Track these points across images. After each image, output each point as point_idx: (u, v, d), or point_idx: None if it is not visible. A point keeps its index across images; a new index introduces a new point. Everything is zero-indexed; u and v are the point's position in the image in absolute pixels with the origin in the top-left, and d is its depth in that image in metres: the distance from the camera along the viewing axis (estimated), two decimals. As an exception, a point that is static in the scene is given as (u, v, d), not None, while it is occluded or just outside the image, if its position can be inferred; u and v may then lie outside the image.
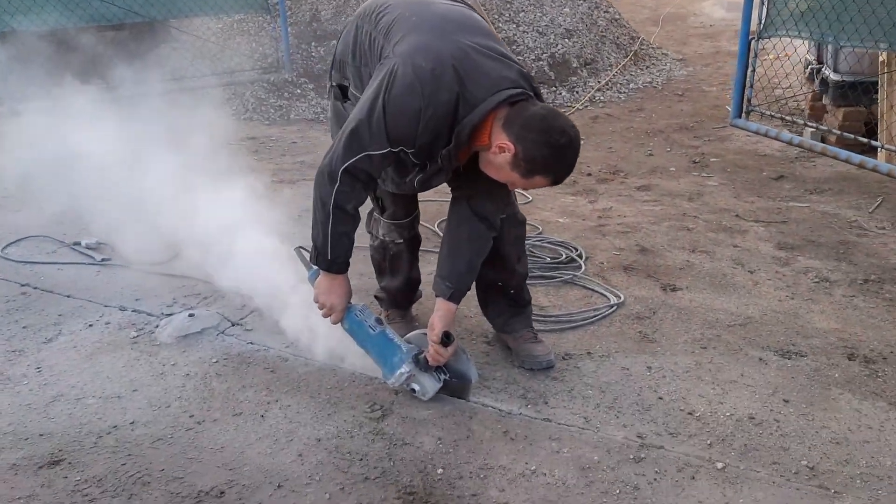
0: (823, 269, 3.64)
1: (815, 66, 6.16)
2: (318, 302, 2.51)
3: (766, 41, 5.17)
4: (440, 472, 2.25)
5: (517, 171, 2.17)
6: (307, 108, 7.26)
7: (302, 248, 2.70)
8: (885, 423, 2.45)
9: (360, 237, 2.51)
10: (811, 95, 6.25)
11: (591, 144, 6.04)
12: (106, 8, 6.66)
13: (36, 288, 3.38)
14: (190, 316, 3.03)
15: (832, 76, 5.64)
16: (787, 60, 5.84)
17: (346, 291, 2.49)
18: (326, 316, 2.52)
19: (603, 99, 7.54)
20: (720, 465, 2.24)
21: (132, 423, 2.48)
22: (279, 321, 2.97)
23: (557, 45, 8.04)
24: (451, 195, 2.55)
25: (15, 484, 2.20)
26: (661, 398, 2.57)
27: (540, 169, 2.15)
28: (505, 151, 2.15)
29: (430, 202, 4.12)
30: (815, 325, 3.09)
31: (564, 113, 2.21)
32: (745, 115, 5.12)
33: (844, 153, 4.69)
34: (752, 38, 5.22)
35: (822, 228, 4.19)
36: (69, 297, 3.30)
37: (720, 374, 2.72)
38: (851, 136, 5.06)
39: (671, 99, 7.56)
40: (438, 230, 3.99)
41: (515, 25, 8.14)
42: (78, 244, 3.78)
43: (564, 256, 3.71)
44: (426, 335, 2.51)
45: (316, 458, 2.31)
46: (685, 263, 3.70)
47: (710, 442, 2.35)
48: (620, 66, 8.25)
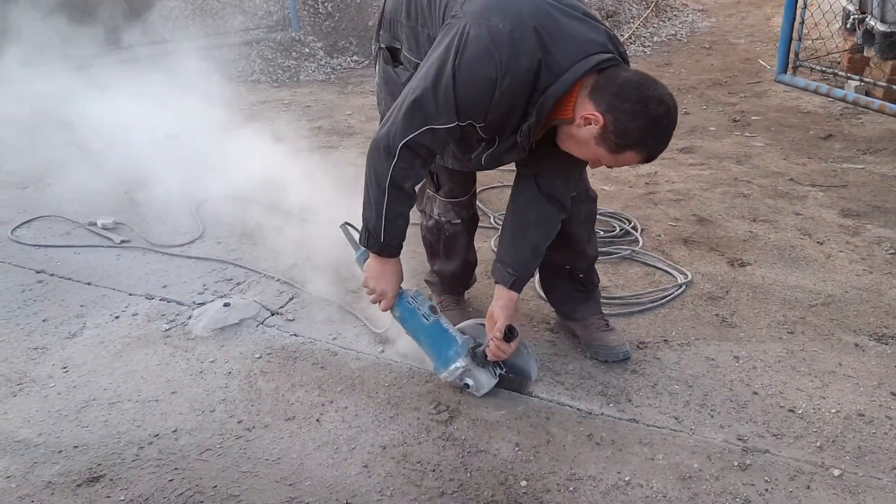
0: (897, 238, 3.39)
1: (857, 15, 5.83)
2: (367, 287, 2.26)
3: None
4: (524, 484, 2.02)
5: (605, 145, 1.89)
6: (317, 68, 6.92)
7: (349, 224, 2.43)
8: None
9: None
10: (851, 47, 5.94)
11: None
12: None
13: (53, 275, 3.11)
14: (225, 305, 2.78)
15: (879, 27, 5.32)
16: (828, 10, 5.53)
17: (398, 276, 2.24)
18: (376, 302, 2.27)
19: (628, 53, 7.19)
20: (836, 471, 2.02)
21: (175, 430, 2.24)
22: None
23: (577, -3, 7.68)
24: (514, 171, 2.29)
25: (52, 506, 1.97)
26: (756, 393, 2.34)
27: (633, 143, 1.87)
28: (591, 124, 1.87)
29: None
30: (902, 303, 2.85)
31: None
32: (791, 70, 4.80)
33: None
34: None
35: (885, 193, 3.93)
36: (90, 284, 3.04)
37: (815, 363, 2.48)
38: (903, 90, 4.79)
39: (699, 52, 7.22)
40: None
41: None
42: (94, 224, 3.50)
43: (618, 229, 3.45)
44: (482, 325, 2.28)
45: (384, 468, 2.08)
46: (748, 234, 3.45)
47: (819, 444, 2.12)
48: (643, 18, 7.89)
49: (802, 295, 2.92)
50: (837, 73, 5.24)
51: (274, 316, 2.80)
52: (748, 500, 1.94)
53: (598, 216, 2.64)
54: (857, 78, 5.18)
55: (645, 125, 1.85)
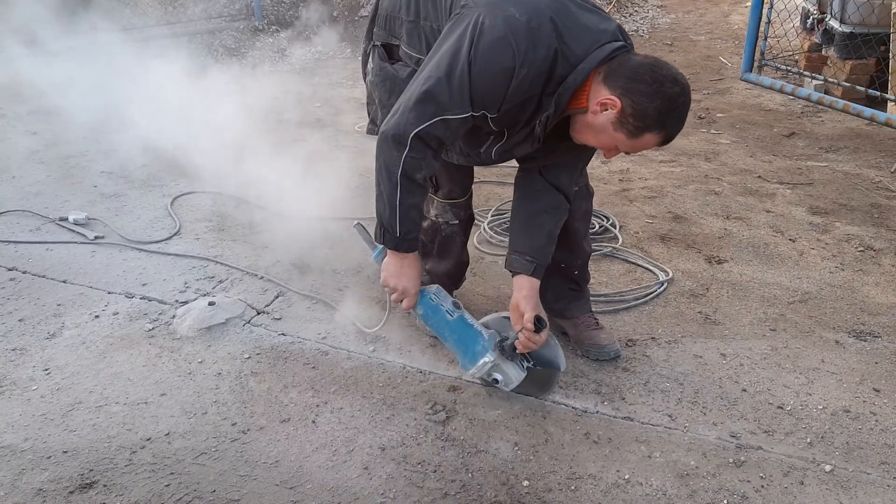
0: (864, 236, 3.49)
1: (816, 15, 5.99)
2: (387, 286, 2.21)
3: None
4: (525, 484, 2.04)
5: (623, 130, 1.90)
6: (281, 58, 6.81)
7: (361, 224, 2.40)
8: (978, 411, 2.33)
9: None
10: (808, 46, 6.10)
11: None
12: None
13: (25, 272, 3.01)
14: (210, 304, 2.73)
15: (839, 27, 5.47)
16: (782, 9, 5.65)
17: (418, 272, 2.20)
18: (398, 301, 2.22)
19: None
20: (828, 467, 2.08)
21: (167, 434, 2.19)
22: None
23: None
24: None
25: (46, 515, 1.92)
26: (744, 390, 2.40)
27: (652, 124, 1.87)
28: (608, 109, 1.88)
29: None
30: (875, 299, 2.94)
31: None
32: (757, 69, 4.91)
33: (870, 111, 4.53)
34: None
35: (849, 191, 4.05)
36: (65, 282, 2.95)
37: (799, 360, 2.55)
38: (862, 88, 4.93)
39: (661, 49, 7.32)
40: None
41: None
42: (65, 220, 3.40)
43: (598, 227, 3.49)
44: (507, 318, 2.26)
45: (384, 470, 2.08)
46: (723, 232, 3.52)
47: (809, 440, 2.18)
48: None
49: (780, 292, 2.99)
50: (803, 73, 5.37)
51: (260, 315, 2.76)
52: (745, 496, 1.99)
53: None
54: (820, 77, 5.32)
55: (662, 105, 1.85)
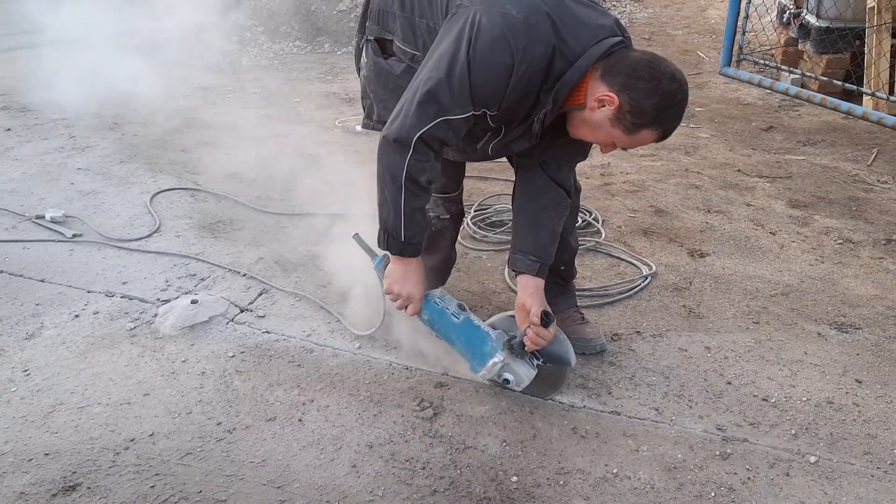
0: (843, 228, 3.54)
1: (792, 10, 6.04)
2: (391, 293, 2.20)
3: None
4: (514, 479, 2.03)
5: (620, 126, 1.90)
6: (259, 53, 6.77)
7: (359, 235, 2.38)
8: (958, 400, 2.36)
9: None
10: (785, 40, 6.15)
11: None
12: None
13: (2, 272, 2.95)
14: (193, 302, 2.70)
15: (815, 22, 5.52)
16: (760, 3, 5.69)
17: (422, 277, 2.19)
18: (403, 307, 2.21)
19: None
20: (812, 458, 2.10)
21: (151, 434, 2.16)
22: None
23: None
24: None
25: (28, 518, 1.89)
26: (729, 383, 2.41)
27: (649, 121, 1.87)
28: (605, 105, 1.88)
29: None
30: (855, 292, 2.98)
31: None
32: (735, 63, 4.94)
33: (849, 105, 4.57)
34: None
35: (827, 184, 4.09)
36: (43, 281, 2.90)
37: (783, 352, 2.57)
38: (839, 82, 4.98)
39: (639, 44, 7.32)
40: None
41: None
42: (42, 217, 3.34)
43: (581, 221, 3.50)
44: (512, 317, 2.26)
45: (372, 468, 2.06)
46: (705, 225, 3.54)
47: (794, 432, 2.20)
48: (583, 8, 7.98)
49: (762, 285, 3.02)
50: (780, 67, 5.41)
51: (244, 312, 2.74)
52: (732, 488, 2.00)
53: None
54: (797, 71, 5.37)
55: (660, 102, 1.86)
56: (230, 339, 2.59)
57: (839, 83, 4.93)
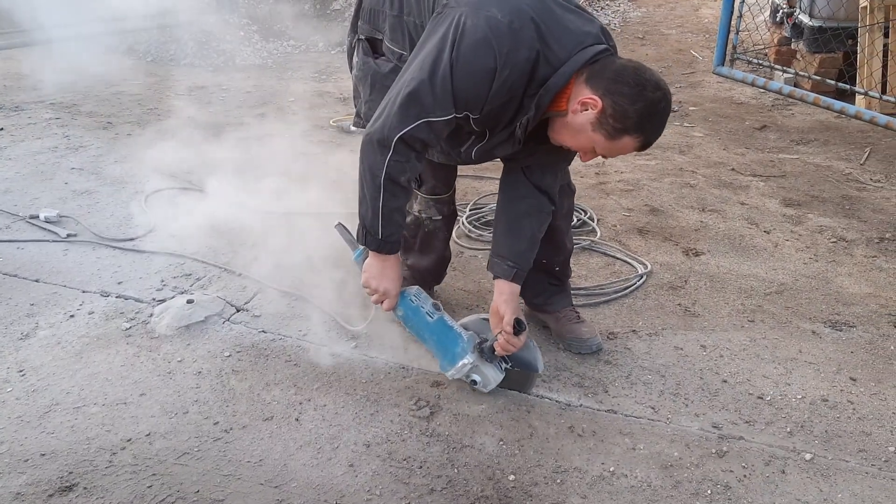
0: (837, 227, 3.55)
1: (785, 9, 6.06)
2: (368, 287, 2.21)
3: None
4: (511, 478, 2.04)
5: (602, 132, 1.89)
6: (253, 52, 6.75)
7: (342, 224, 2.38)
8: (951, 398, 2.38)
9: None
10: (778, 40, 6.17)
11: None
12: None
13: (-4, 272, 2.95)
14: (188, 302, 2.69)
15: (808, 21, 5.55)
16: (753, 3, 5.72)
17: (399, 274, 2.20)
18: (378, 302, 2.22)
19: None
20: (808, 455, 2.11)
21: (148, 434, 2.16)
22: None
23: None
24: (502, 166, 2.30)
25: (25, 519, 1.88)
26: (725, 381, 2.42)
27: (631, 127, 1.87)
28: (588, 109, 1.87)
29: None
30: (849, 290, 2.99)
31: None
32: (729, 62, 4.96)
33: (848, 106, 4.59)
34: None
35: (821, 182, 4.11)
36: (38, 281, 2.89)
37: (777, 350, 2.58)
38: (832, 82, 5.00)
39: (633, 43, 7.36)
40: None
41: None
42: (36, 217, 3.33)
43: (576, 220, 3.50)
44: (486, 320, 2.27)
45: (370, 467, 2.07)
46: (699, 224, 3.56)
47: (789, 430, 2.21)
48: (577, 7, 7.99)
49: (757, 283, 3.03)
50: (773, 66, 5.43)
51: (240, 312, 2.74)
52: (728, 486, 2.01)
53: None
54: (790, 70, 5.39)
55: (643, 108, 1.85)
56: (226, 338, 2.59)
57: (832, 82, 4.95)
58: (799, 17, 5.72)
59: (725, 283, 3.03)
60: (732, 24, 4.94)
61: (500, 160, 2.37)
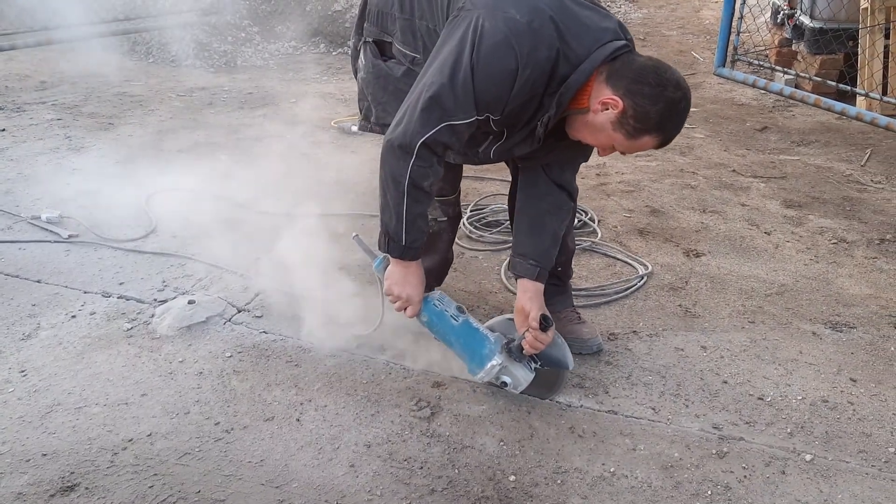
0: (838, 228, 3.55)
1: (786, 11, 6.06)
2: (391, 294, 2.20)
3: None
4: (512, 479, 2.04)
5: (622, 131, 1.90)
6: (254, 53, 6.75)
7: (359, 235, 2.38)
8: (952, 399, 2.38)
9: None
10: (779, 41, 6.18)
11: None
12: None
13: (-2, 272, 2.96)
14: (190, 303, 2.70)
15: (809, 23, 5.55)
16: (755, 4, 5.72)
17: (422, 280, 2.19)
18: (402, 309, 2.21)
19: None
20: (808, 456, 2.11)
21: (149, 434, 2.17)
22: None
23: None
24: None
25: (27, 519, 1.89)
26: (725, 382, 2.42)
27: (652, 127, 1.88)
28: (609, 109, 1.88)
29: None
30: (849, 291, 2.99)
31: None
32: (730, 64, 4.96)
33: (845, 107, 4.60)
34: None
35: (821, 184, 4.11)
36: (39, 282, 2.90)
37: (778, 351, 2.59)
38: (833, 83, 5.01)
39: (635, 44, 7.35)
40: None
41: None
42: (37, 218, 3.34)
43: (577, 221, 3.50)
44: (511, 321, 2.26)
45: (370, 468, 2.07)
46: (700, 225, 3.56)
47: (789, 430, 2.22)
48: (578, 8, 7.99)
49: (757, 285, 3.03)
50: (774, 67, 5.44)
51: (241, 313, 2.74)
52: (728, 486, 2.02)
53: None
54: (791, 72, 5.39)
55: (664, 109, 1.86)
56: (227, 339, 2.59)
57: (833, 84, 4.96)
58: (800, 18, 5.73)
59: (726, 284, 3.03)
60: (733, 25, 4.95)
61: (505, 161, 2.38)
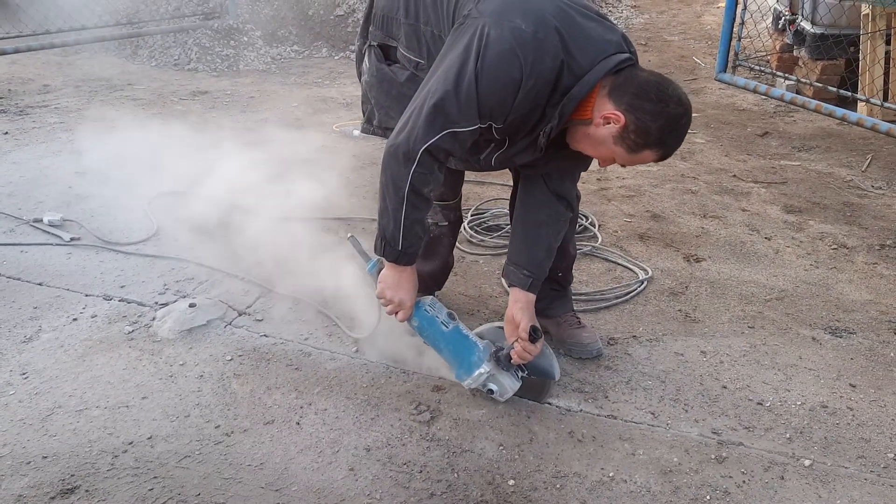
0: (838, 234, 3.56)
1: (787, 16, 6.07)
2: (383, 297, 2.21)
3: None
4: (511, 483, 2.05)
5: (623, 145, 1.91)
6: (256, 57, 6.78)
7: (355, 236, 2.39)
8: (951, 405, 2.38)
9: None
10: (780, 47, 6.19)
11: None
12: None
13: (0, 275, 2.96)
14: (191, 306, 2.71)
15: (810, 28, 5.56)
16: (756, 10, 5.73)
17: (415, 285, 2.20)
18: (393, 313, 2.22)
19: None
20: (807, 462, 2.12)
21: (150, 437, 2.17)
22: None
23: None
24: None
25: (27, 522, 1.90)
26: (725, 387, 2.43)
27: (653, 142, 1.89)
28: (611, 123, 1.89)
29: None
30: (849, 297, 3.00)
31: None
32: (731, 69, 4.97)
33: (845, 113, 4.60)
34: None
35: (822, 189, 4.12)
36: (41, 284, 2.91)
37: (777, 357, 2.59)
38: (834, 89, 5.01)
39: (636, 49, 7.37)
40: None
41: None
42: (39, 221, 3.35)
43: (577, 226, 3.51)
44: (501, 329, 2.27)
45: (370, 471, 2.07)
46: (700, 230, 3.56)
47: (789, 436, 2.22)
48: (580, 13, 8.01)
49: (757, 290, 3.04)
50: (775, 73, 5.44)
51: (242, 316, 2.75)
52: (727, 492, 2.02)
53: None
54: (792, 77, 5.40)
55: (665, 125, 1.87)
56: (228, 342, 2.60)
57: (834, 89, 4.96)
58: (801, 24, 5.74)
59: (726, 289, 3.04)
60: (735, 30, 4.96)
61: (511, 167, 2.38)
